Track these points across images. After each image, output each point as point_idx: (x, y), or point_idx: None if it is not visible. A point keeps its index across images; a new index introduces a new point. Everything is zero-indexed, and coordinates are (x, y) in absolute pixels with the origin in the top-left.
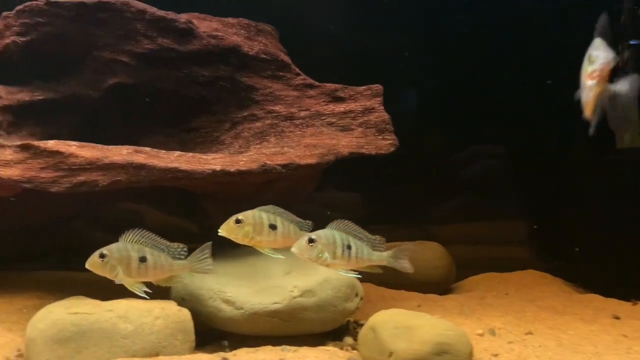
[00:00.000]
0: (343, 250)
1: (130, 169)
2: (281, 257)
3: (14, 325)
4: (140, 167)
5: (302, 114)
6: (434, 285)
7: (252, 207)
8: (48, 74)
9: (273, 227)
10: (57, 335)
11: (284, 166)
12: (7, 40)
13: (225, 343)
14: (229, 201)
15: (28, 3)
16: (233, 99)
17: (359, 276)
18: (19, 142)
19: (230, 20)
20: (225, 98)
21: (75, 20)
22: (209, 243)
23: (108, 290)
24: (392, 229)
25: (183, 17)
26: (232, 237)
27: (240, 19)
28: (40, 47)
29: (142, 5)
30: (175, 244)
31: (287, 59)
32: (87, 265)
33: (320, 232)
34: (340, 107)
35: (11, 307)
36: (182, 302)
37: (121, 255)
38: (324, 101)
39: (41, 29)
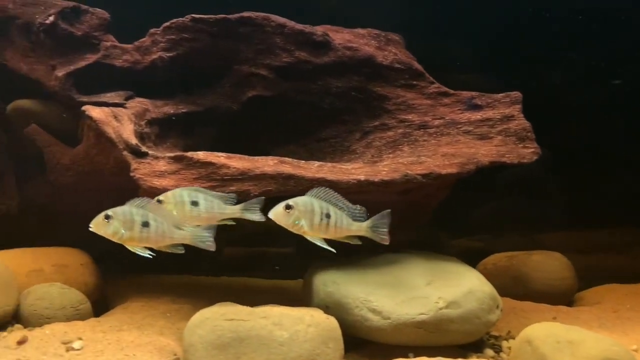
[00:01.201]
0: (321, 219)
1: (280, 179)
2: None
3: (165, 330)
4: (289, 177)
5: (436, 122)
6: (559, 297)
7: None
8: (189, 87)
9: (195, 204)
10: (217, 341)
11: (424, 176)
12: (154, 56)
13: (411, 355)
14: None
15: (174, 20)
16: (364, 108)
17: (333, 251)
18: (171, 154)
19: (360, 30)
20: (356, 108)
21: (217, 35)
22: (214, 225)
23: (230, 295)
24: (497, 238)
25: (319, 29)
26: None
27: (370, 29)
28: (183, 62)
29: (282, 20)
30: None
31: (420, 67)
32: (91, 225)
33: (299, 198)
34: (477, 115)
35: (155, 311)
36: (326, 309)
37: (125, 219)
38: (459, 109)
39: (186, 45)
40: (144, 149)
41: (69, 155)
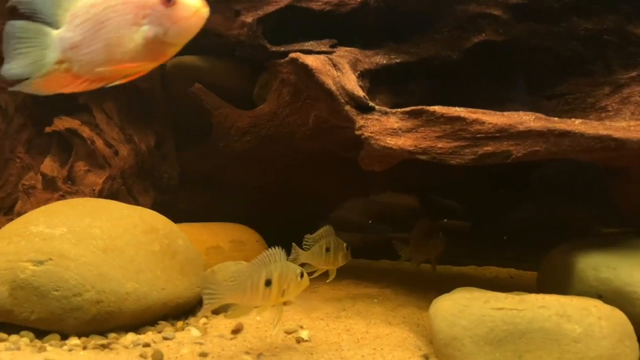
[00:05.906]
0: None
1: (551, 137)
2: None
3: (390, 319)
4: (564, 134)
5: None
6: None
7: None
8: (399, 35)
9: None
10: (489, 335)
11: None
12: None
13: None
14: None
15: None
16: (618, 56)
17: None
18: (405, 108)
19: None
20: (607, 56)
21: None
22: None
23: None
24: None
25: None
26: None
27: None
28: (396, 4)
29: None
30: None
31: None
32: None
33: None
34: None
35: (357, 295)
36: (599, 299)
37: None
38: None
39: None
40: (371, 102)
41: (247, 118)
